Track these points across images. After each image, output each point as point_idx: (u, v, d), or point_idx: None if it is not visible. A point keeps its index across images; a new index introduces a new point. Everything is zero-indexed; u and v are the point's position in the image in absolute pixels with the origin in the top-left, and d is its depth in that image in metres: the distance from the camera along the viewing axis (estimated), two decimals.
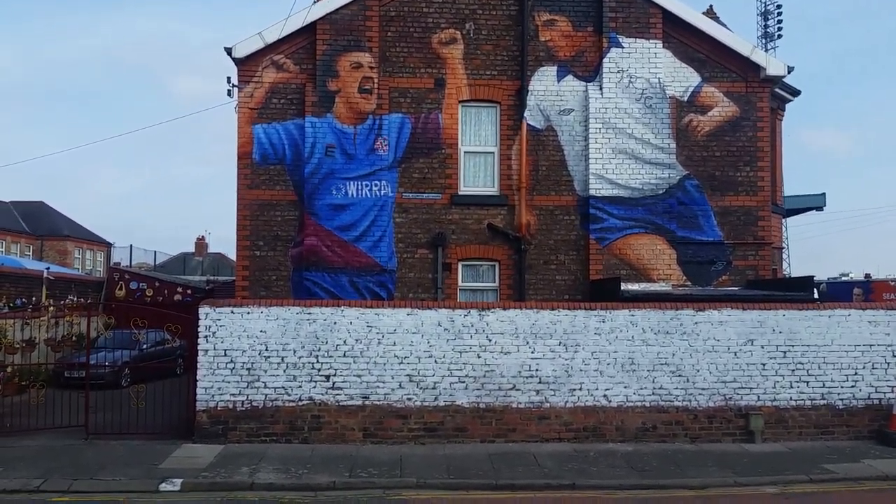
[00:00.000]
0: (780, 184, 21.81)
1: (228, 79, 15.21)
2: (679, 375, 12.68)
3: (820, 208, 29.82)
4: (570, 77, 15.32)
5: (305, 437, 12.27)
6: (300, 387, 12.33)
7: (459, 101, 15.26)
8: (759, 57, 15.52)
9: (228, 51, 14.81)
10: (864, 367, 12.88)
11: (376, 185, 14.91)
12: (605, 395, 12.60)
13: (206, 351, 12.31)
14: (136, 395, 13.35)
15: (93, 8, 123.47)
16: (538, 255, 15.14)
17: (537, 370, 12.56)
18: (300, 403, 12.33)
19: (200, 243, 51.06)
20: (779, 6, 49.50)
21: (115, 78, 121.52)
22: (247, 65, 14.98)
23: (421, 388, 12.43)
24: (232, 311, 12.39)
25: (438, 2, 15.28)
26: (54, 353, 17.27)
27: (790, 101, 21.49)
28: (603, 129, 15.12)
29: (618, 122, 15.14)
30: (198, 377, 12.31)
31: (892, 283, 28.50)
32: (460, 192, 15.21)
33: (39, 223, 51.75)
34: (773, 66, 15.54)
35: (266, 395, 12.31)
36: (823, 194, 29.35)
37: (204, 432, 12.24)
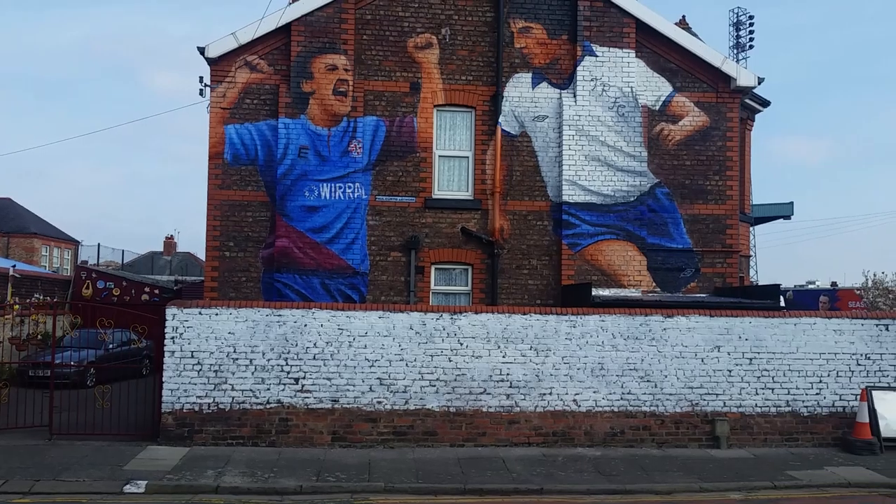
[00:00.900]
0: (748, 193, 22.13)
1: (201, 78, 15.11)
2: (647, 381, 12.80)
3: (788, 217, 30.30)
4: (544, 84, 15.42)
5: (273, 440, 12.18)
6: (268, 389, 12.25)
7: (434, 106, 15.29)
8: (729, 68, 15.75)
9: (201, 50, 14.70)
10: (828, 375, 13.10)
11: (350, 188, 14.88)
12: (574, 400, 12.67)
13: (173, 352, 12.18)
14: (101, 395, 13.17)
15: (65, 1, 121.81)
16: (511, 259, 15.21)
17: (508, 374, 12.60)
18: (268, 406, 12.24)
19: (169, 242, 50.51)
20: (751, 17, 50.38)
21: (90, 71, 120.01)
22: (220, 65, 14.88)
23: (391, 392, 12.41)
24: (200, 313, 12.27)
25: (414, 6, 15.30)
26: (19, 351, 16.97)
27: (760, 111, 21.83)
28: (576, 136, 15.23)
29: (591, 129, 15.27)
30: (164, 378, 12.17)
31: (858, 292, 29.01)
32: (434, 196, 15.23)
33: (6, 220, 50.81)
34: (743, 76, 15.77)
35: (233, 398, 12.21)
36: (791, 203, 29.84)
37: (169, 434, 12.10)
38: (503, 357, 12.60)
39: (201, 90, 15.18)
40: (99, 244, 41.98)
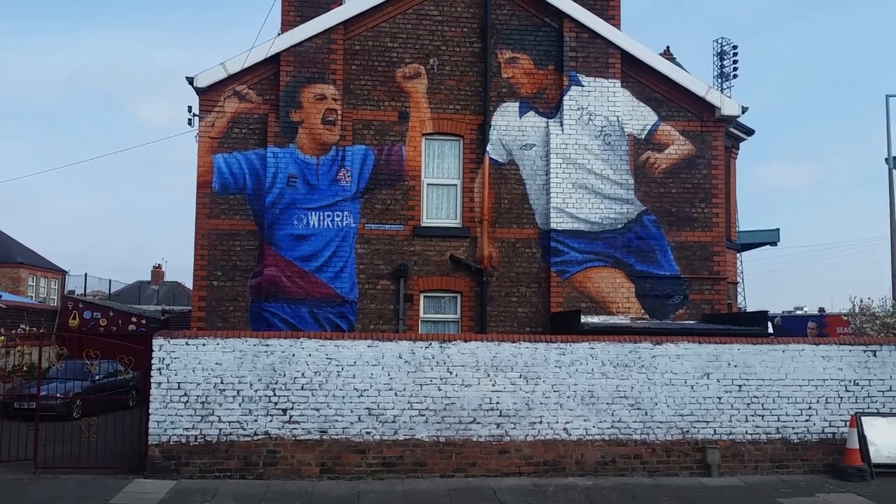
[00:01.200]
0: (734, 220, 22.31)
1: (189, 108, 15.13)
2: (638, 408, 12.76)
3: (774, 243, 30.51)
4: (531, 113, 15.56)
5: (260, 472, 12.04)
6: (256, 421, 12.13)
7: (423, 134, 15.38)
8: (713, 97, 15.95)
9: (190, 80, 14.75)
10: (817, 402, 13.10)
11: (338, 216, 14.89)
12: (565, 429, 12.61)
13: (160, 383, 12.06)
14: (87, 427, 13.00)
15: (60, 29, 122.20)
16: (500, 287, 15.21)
17: (498, 403, 12.53)
18: (255, 438, 12.11)
19: (157, 272, 50.30)
20: (734, 47, 51.08)
21: (79, 101, 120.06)
22: (209, 94, 14.93)
23: (380, 422, 12.31)
24: (187, 343, 12.18)
25: (403, 37, 15.46)
26: (4, 383, 16.78)
27: (744, 139, 22.10)
28: (563, 164, 15.34)
29: (578, 157, 15.38)
30: (150, 410, 12.03)
31: (845, 318, 29.11)
32: (423, 224, 15.25)
33: None
34: (727, 106, 15.97)
35: (220, 430, 12.07)
36: (777, 230, 30.08)
37: (156, 467, 11.94)
38: (493, 385, 12.55)
39: (190, 120, 15.21)
40: (86, 274, 41.82)
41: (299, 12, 15.28)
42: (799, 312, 39.54)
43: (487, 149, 15.36)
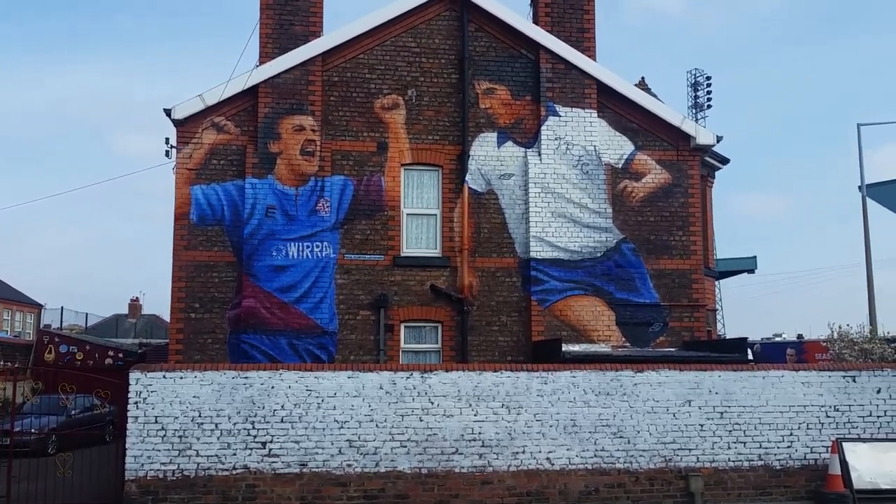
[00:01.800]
0: (711, 248, 22.53)
1: (167, 139, 15.12)
2: (620, 437, 12.71)
3: (752, 271, 30.81)
4: (509, 143, 15.68)
5: None
6: (234, 455, 11.93)
7: (402, 165, 15.43)
8: (689, 127, 16.17)
9: (168, 112, 14.74)
10: (799, 428, 13.13)
11: (318, 247, 14.84)
12: (547, 458, 12.53)
13: (137, 418, 11.86)
14: (62, 463, 12.74)
15: (37, 62, 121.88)
16: (480, 316, 15.19)
17: (480, 433, 12.44)
18: (234, 472, 11.91)
19: (134, 305, 49.77)
20: (708, 77, 52.02)
21: (56, 133, 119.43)
22: (186, 126, 14.92)
23: (361, 454, 12.17)
24: (164, 376, 12.01)
25: (381, 69, 15.57)
26: None
27: (720, 168, 22.41)
28: (542, 193, 15.44)
29: (556, 186, 15.49)
30: (127, 445, 11.81)
31: (824, 344, 29.34)
32: (403, 254, 15.24)
33: None
34: (702, 135, 16.19)
35: (198, 464, 11.87)
36: (755, 257, 30.40)
37: (133, 503, 11.70)
38: (475, 415, 12.46)
39: (167, 151, 15.18)
40: (62, 307, 41.18)
41: (277, 44, 15.36)
42: (778, 339, 39.79)
43: (466, 178, 15.43)
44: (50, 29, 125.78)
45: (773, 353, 31.67)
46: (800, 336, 38.31)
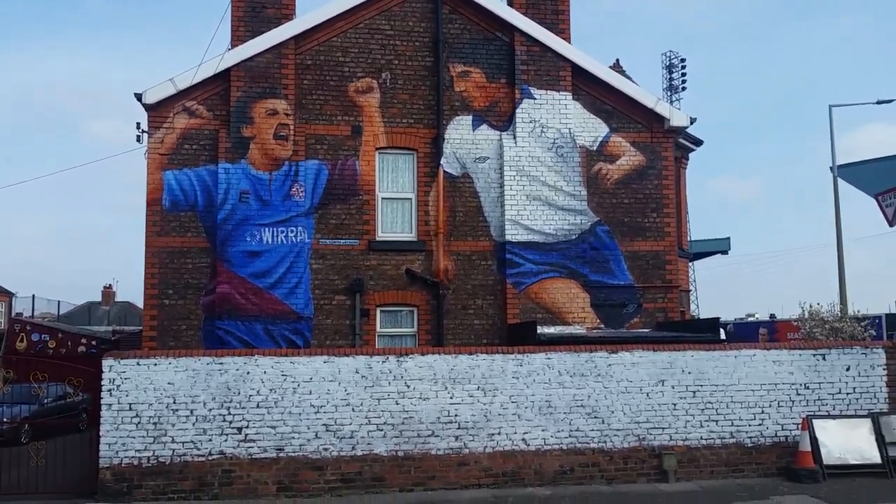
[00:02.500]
0: (685, 229, 22.71)
1: (138, 124, 14.93)
2: (595, 417, 12.84)
3: (725, 252, 31.16)
4: (484, 126, 15.66)
5: (216, 493, 11.80)
6: (210, 440, 11.90)
7: (376, 149, 15.36)
8: (662, 109, 16.24)
9: (139, 96, 14.54)
10: (770, 406, 13.33)
11: (292, 232, 14.76)
12: (523, 439, 12.63)
13: (110, 405, 11.77)
14: (36, 452, 12.64)
15: (2, 46, 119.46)
16: (456, 299, 15.22)
17: (456, 415, 12.50)
18: (210, 458, 11.88)
19: (107, 292, 49.26)
20: (683, 60, 52.27)
21: (24, 120, 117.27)
22: (158, 110, 14.73)
23: (338, 438, 12.18)
24: (138, 363, 11.92)
25: (355, 52, 15.45)
26: None
27: (693, 150, 22.54)
28: (517, 176, 15.46)
29: (531, 169, 15.51)
30: (101, 432, 11.73)
31: (795, 323, 29.79)
32: (378, 238, 15.21)
33: None
34: (676, 117, 16.28)
35: (174, 451, 11.82)
36: (728, 238, 30.74)
37: (108, 490, 11.63)
38: (451, 398, 12.52)
39: (138, 136, 14.99)
40: (34, 295, 40.62)
41: (249, 27, 15.18)
42: (751, 319, 40.40)
43: (441, 162, 15.41)
44: (17, 12, 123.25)
45: (745, 333, 32.18)
46: (772, 316, 38.92)
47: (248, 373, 12.08)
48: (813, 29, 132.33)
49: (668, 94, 51.23)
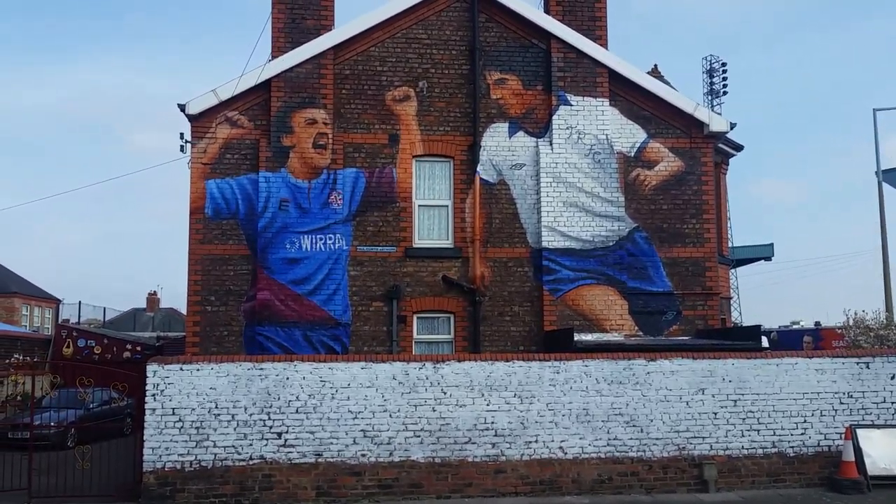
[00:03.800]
0: (725, 235, 22.43)
1: (181, 135, 15.25)
2: (633, 426, 12.75)
3: (768, 258, 30.72)
4: (521, 133, 15.68)
5: (256, 497, 11.98)
6: (251, 445, 12.09)
7: (413, 156, 15.48)
8: (702, 114, 16.09)
9: (182, 107, 14.87)
10: (812, 415, 13.11)
11: (331, 239, 14.95)
12: (560, 447, 12.59)
13: (154, 410, 12.03)
14: (81, 456, 12.94)
15: (46, 60, 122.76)
16: (492, 306, 15.24)
17: (493, 423, 12.52)
18: (251, 462, 12.07)
19: (152, 299, 50.19)
20: (724, 64, 51.56)
21: (69, 131, 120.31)
22: (200, 121, 15.04)
23: (375, 444, 12.28)
24: (181, 368, 12.17)
25: (392, 61, 15.61)
26: None
27: (734, 155, 22.27)
28: (554, 183, 15.44)
29: (568, 176, 15.48)
30: (145, 437, 11.99)
31: (840, 331, 29.18)
32: (415, 245, 15.31)
33: None
34: (715, 122, 16.12)
35: (215, 455, 12.03)
36: (771, 244, 30.32)
37: (151, 494, 11.88)
38: (487, 405, 12.53)
39: (182, 146, 15.31)
40: (80, 302, 41.62)
41: (289, 38, 15.44)
42: (795, 327, 39.60)
43: (478, 169, 15.47)
44: (61, 27, 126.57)
45: (790, 341, 31.57)
46: (817, 323, 38.10)
47: (287, 378, 12.25)
48: (856, 29, 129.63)
49: (710, 98, 50.56)
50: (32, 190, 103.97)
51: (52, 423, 17.56)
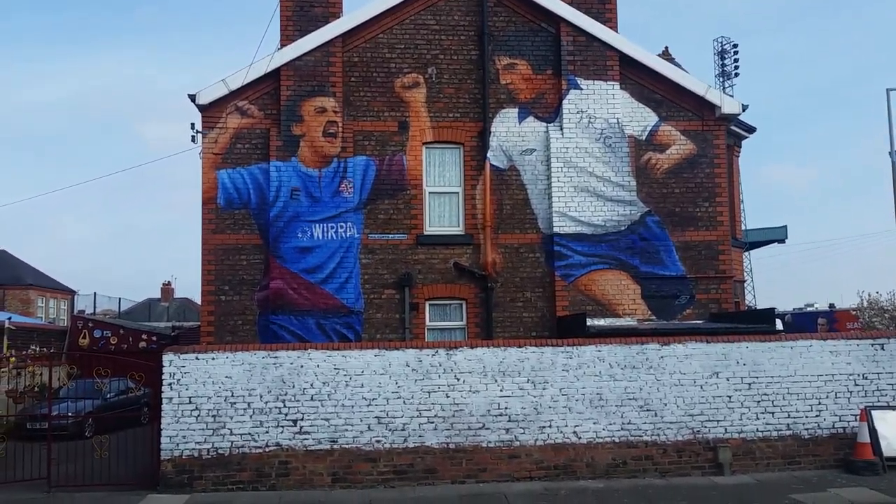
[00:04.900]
0: (739, 218, 22.29)
1: (192, 125, 15.26)
2: (647, 410, 12.75)
3: (782, 241, 30.51)
4: (531, 118, 15.62)
5: (273, 483, 12.09)
6: (267, 432, 12.19)
7: (423, 143, 15.46)
8: (713, 96, 15.97)
9: (192, 97, 14.90)
10: (827, 397, 13.07)
11: (342, 227, 14.98)
12: (574, 432, 12.61)
13: (171, 399, 12.14)
14: (99, 445, 13.07)
15: (59, 54, 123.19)
16: (504, 292, 15.25)
17: (506, 408, 12.55)
18: (267, 449, 12.17)
19: (166, 289, 50.52)
20: (735, 45, 51.09)
21: (82, 124, 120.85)
22: (211, 111, 15.06)
23: (390, 430, 12.35)
24: (196, 358, 12.26)
25: (400, 48, 15.56)
26: (16, 404, 16.88)
27: (746, 137, 22.11)
28: (564, 167, 15.39)
29: (579, 161, 15.43)
30: (162, 425, 12.11)
31: (854, 313, 29.02)
32: (426, 232, 15.32)
33: (1, 272, 50.78)
34: (727, 104, 15.99)
35: (232, 442, 12.14)
36: (785, 227, 30.08)
37: (169, 482, 12.01)
38: (501, 391, 12.57)
39: (193, 137, 15.33)
40: (95, 293, 41.90)
41: (298, 27, 15.42)
42: (809, 309, 39.44)
43: (488, 155, 15.43)
44: (70, 20, 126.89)
45: (804, 323, 31.46)
46: (831, 306, 37.93)
47: (301, 366, 12.33)
48: (869, 11, 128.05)
49: (721, 80, 50.16)
50: (45, 183, 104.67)
51: (70, 414, 17.75)
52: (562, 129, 15.50)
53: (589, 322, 14.06)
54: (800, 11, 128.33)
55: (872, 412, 12.83)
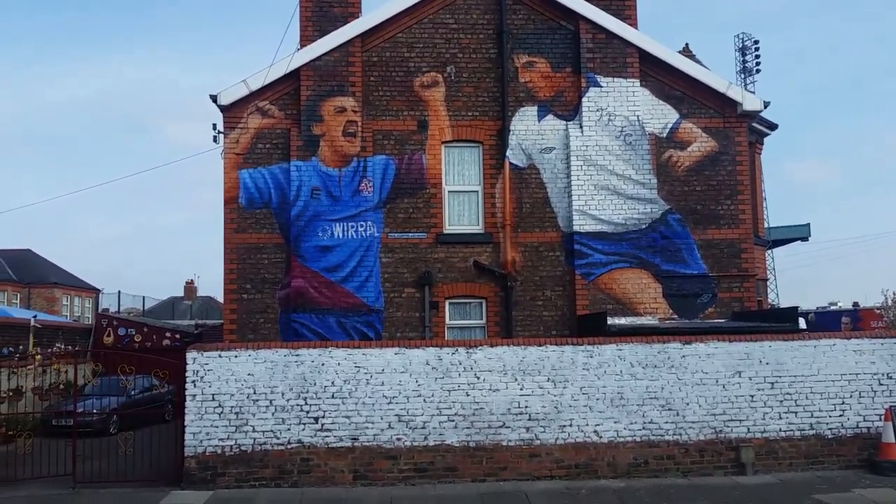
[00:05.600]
0: (761, 216, 22.10)
1: (214, 125, 15.41)
2: (669, 409, 12.69)
3: (805, 238, 30.26)
4: (550, 116, 15.59)
5: (295, 480, 12.18)
6: (289, 429, 12.28)
7: (442, 142, 15.48)
8: (735, 93, 15.84)
9: (214, 98, 15.03)
10: (851, 396, 12.94)
11: (362, 226, 15.04)
12: (595, 431, 12.59)
13: (194, 396, 12.26)
14: (124, 442, 13.24)
15: (79, 55, 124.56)
16: (524, 291, 15.23)
17: (526, 407, 12.55)
18: (289, 446, 12.26)
19: (189, 287, 50.94)
20: (756, 42, 50.58)
21: (104, 125, 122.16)
22: (232, 111, 15.19)
23: (410, 428, 12.40)
24: (219, 355, 12.38)
25: (419, 47, 15.59)
26: (42, 401, 17.11)
27: (768, 134, 21.91)
28: (584, 166, 15.35)
29: (599, 159, 15.37)
30: (186, 423, 12.24)
31: (878, 311, 28.68)
32: (445, 231, 15.35)
33: (27, 271, 51.51)
34: (749, 101, 15.86)
35: (255, 439, 12.25)
36: (808, 225, 29.87)
37: (193, 478, 12.14)
38: (521, 390, 12.57)
39: (215, 137, 15.49)
40: (119, 291, 42.40)
41: (317, 27, 15.51)
42: (833, 308, 39.02)
43: (507, 154, 15.42)
44: (89, 22, 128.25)
45: (828, 322, 31.14)
46: (855, 304, 37.50)
47: (322, 364, 12.41)
48: (890, 3, 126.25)
49: (742, 77, 49.70)
50: (69, 183, 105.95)
51: (95, 411, 17.96)
52: (581, 127, 15.45)
53: (609, 321, 14.01)
54: (820, 5, 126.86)
55: None
